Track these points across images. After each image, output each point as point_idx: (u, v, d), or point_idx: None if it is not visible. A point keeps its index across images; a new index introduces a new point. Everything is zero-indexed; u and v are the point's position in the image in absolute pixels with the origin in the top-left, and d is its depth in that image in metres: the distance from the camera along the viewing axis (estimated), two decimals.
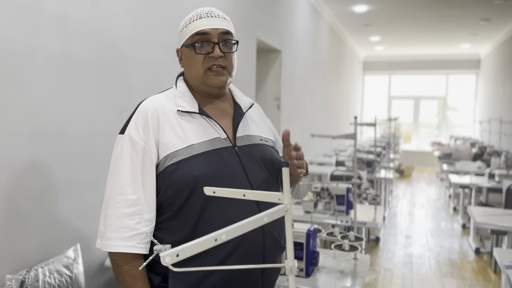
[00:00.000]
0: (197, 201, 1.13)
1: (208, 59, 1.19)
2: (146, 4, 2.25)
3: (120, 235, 1.10)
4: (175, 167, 1.12)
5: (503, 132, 7.56)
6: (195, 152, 1.14)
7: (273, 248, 1.21)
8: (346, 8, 6.55)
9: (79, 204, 1.83)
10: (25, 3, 1.54)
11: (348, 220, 2.83)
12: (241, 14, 3.55)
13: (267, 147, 1.30)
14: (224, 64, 1.20)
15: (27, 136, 1.58)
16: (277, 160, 1.30)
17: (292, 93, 5.24)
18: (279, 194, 0.82)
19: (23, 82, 1.55)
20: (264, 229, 1.16)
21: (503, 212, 3.48)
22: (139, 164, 1.13)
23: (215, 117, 1.23)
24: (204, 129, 1.19)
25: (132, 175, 1.13)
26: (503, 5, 6.07)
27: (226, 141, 1.20)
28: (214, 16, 1.22)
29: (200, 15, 1.21)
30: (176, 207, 1.14)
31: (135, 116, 1.18)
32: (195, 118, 1.20)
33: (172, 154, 1.13)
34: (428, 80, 11.93)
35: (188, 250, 0.64)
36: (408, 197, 7.41)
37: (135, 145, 1.14)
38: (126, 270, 1.11)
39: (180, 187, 1.12)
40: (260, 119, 1.39)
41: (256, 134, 1.29)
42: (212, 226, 1.08)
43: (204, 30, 1.19)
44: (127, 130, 1.16)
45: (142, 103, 1.22)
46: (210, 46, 1.19)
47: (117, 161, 1.15)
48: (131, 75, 2.14)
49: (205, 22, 1.20)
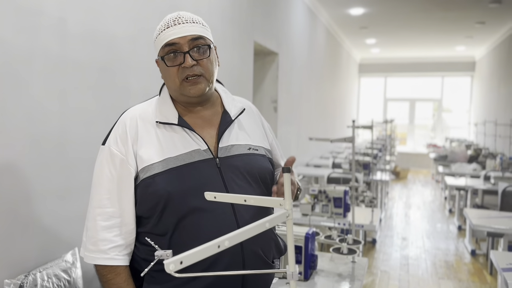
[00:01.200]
0: (170, 217, 1.11)
1: (181, 70, 1.13)
2: (145, 6, 2.25)
3: (98, 248, 1.11)
4: (151, 181, 1.10)
5: (498, 134, 7.60)
6: (171, 165, 1.11)
7: (256, 266, 1.15)
8: (343, 11, 6.58)
9: (78, 208, 1.82)
10: (25, 5, 1.54)
11: (345, 223, 2.84)
12: (238, 17, 3.55)
13: (256, 156, 1.22)
14: (199, 72, 1.14)
15: (26, 140, 1.57)
16: (267, 170, 1.23)
17: (289, 95, 5.25)
18: (280, 199, 0.82)
19: (22, 85, 1.55)
20: (244, 247, 1.12)
21: (499, 215, 3.50)
22: (117, 177, 1.12)
23: (197, 127, 1.18)
24: (183, 141, 1.15)
25: (110, 188, 1.12)
26: (497, 8, 6.11)
27: (206, 153, 1.15)
28: (181, 22, 1.14)
29: (168, 23, 1.14)
30: (153, 221, 1.13)
31: (115, 127, 1.17)
32: (175, 129, 1.16)
33: (147, 167, 1.11)
34: (424, 82, 11.99)
35: (191, 257, 0.64)
36: (404, 199, 7.43)
37: (113, 157, 1.13)
38: (109, 279, 1.12)
39: (154, 202, 1.11)
40: (254, 124, 1.31)
41: (244, 143, 1.22)
42: (186, 243, 1.08)
43: (172, 40, 1.12)
44: (107, 141, 1.15)
45: (124, 113, 1.20)
46: (182, 56, 1.13)
47: (97, 173, 1.15)
48: (129, 77, 2.14)
49: (172, 31, 1.13)
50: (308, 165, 6.00)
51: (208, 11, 2.98)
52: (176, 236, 1.11)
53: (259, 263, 1.16)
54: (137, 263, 1.17)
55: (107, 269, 1.12)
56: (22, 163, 1.56)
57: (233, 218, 1.11)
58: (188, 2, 2.69)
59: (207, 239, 0.67)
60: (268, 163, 1.26)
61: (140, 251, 1.16)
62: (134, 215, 1.15)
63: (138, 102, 1.26)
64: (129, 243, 1.15)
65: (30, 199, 1.61)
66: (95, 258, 1.12)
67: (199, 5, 2.84)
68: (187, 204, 1.10)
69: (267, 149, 1.30)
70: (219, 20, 3.19)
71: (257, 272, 1.14)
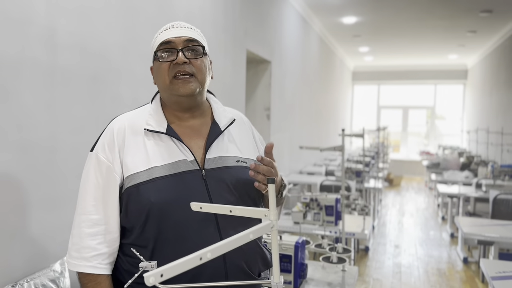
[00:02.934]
0: (153, 228, 1.10)
1: (173, 66, 1.14)
2: (135, 15, 2.26)
3: (81, 255, 1.11)
4: (135, 189, 1.10)
5: (490, 142, 7.66)
6: (156, 175, 1.10)
7: (239, 280, 1.14)
8: (335, 20, 6.63)
9: (66, 217, 1.81)
10: (14, 15, 1.54)
11: (337, 231, 2.84)
12: (231, 25, 3.57)
13: (244, 169, 1.19)
14: (191, 71, 1.14)
15: (14, 149, 1.57)
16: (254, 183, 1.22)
17: (282, 103, 5.26)
18: (265, 210, 0.82)
19: (11, 94, 1.54)
20: (226, 261, 1.11)
21: (490, 223, 3.52)
22: (103, 184, 1.12)
23: (185, 137, 1.17)
24: (169, 150, 1.14)
25: (96, 195, 1.12)
26: (488, 17, 6.19)
27: (192, 164, 1.13)
28: (179, 26, 1.19)
29: (166, 27, 1.20)
30: (136, 232, 1.12)
31: (103, 134, 1.17)
32: (162, 138, 1.15)
33: (132, 176, 1.11)
34: (417, 90, 12.07)
35: (172, 270, 0.64)
36: (397, 206, 7.45)
37: (100, 165, 1.12)
38: (90, 287, 1.12)
39: (138, 211, 1.10)
40: (245, 136, 1.30)
41: (232, 155, 1.20)
42: (167, 255, 1.07)
43: (168, 39, 1.15)
44: (95, 148, 1.15)
45: (113, 120, 1.20)
46: (175, 54, 1.14)
47: (84, 179, 1.15)
48: (119, 86, 2.14)
49: (170, 32, 1.17)
50: (302, 173, 6.00)
51: (201, 19, 2.99)
52: (158, 248, 1.10)
53: (242, 276, 1.15)
54: (120, 275, 1.16)
55: (88, 277, 1.11)
56: (10, 172, 1.56)
57: (216, 231, 1.11)
58: (181, 10, 2.70)
59: (189, 252, 0.66)
60: None
61: (124, 262, 1.15)
62: (119, 223, 1.14)
63: (127, 111, 1.26)
64: (112, 251, 1.14)
65: (18, 208, 1.60)
66: (77, 265, 1.11)
67: (192, 13, 2.86)
68: (170, 215, 1.09)
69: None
70: (212, 28, 3.20)
71: (241, 283, 1.14)
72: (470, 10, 5.83)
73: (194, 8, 2.89)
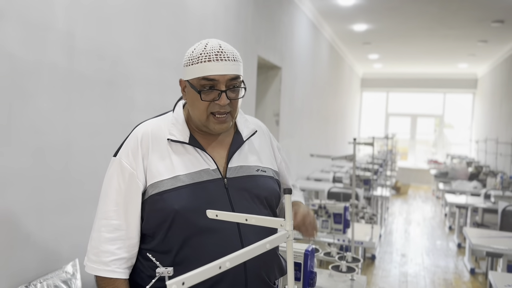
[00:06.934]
0: (176, 235, 1.12)
1: (213, 104, 1.13)
2: (151, 21, 2.29)
3: (100, 259, 1.12)
4: (159, 197, 1.12)
5: (499, 152, 7.60)
6: (180, 183, 1.12)
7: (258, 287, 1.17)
8: (346, 27, 6.64)
9: (79, 219, 1.84)
10: (33, 20, 1.57)
11: (345, 239, 2.84)
12: (243, 32, 3.60)
13: (264, 178, 1.23)
14: (229, 110, 1.16)
15: (31, 152, 1.59)
16: (274, 192, 1.25)
17: (291, 109, 5.28)
18: (281, 220, 0.83)
19: (29, 98, 1.57)
20: (247, 270, 1.13)
21: (499, 234, 3.50)
22: (125, 190, 1.14)
23: (208, 146, 1.20)
24: (193, 159, 1.16)
25: (117, 200, 1.14)
26: (500, 27, 6.17)
27: (215, 173, 1.16)
28: (224, 59, 1.13)
29: (209, 56, 1.12)
30: (158, 239, 1.14)
31: (128, 140, 1.18)
32: (185, 148, 1.17)
33: (156, 183, 1.13)
34: (426, 98, 12.03)
35: (193, 278, 0.66)
36: (404, 215, 7.41)
37: (124, 170, 1.14)
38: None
39: (161, 219, 1.12)
40: (264, 145, 1.33)
41: (253, 165, 1.24)
42: (190, 262, 1.09)
43: (212, 76, 1.11)
44: (119, 154, 1.17)
45: (137, 127, 1.21)
46: (217, 93, 1.12)
47: (107, 184, 1.17)
48: (134, 91, 2.17)
49: (214, 66, 1.11)
50: (309, 179, 6.00)
51: (213, 25, 3.02)
52: (180, 255, 1.12)
53: (260, 284, 1.17)
54: (142, 280, 1.18)
55: (106, 281, 1.13)
56: (26, 175, 1.58)
57: (238, 239, 1.13)
58: (195, 17, 2.73)
59: (211, 259, 0.68)
60: (276, 185, 1.28)
61: (145, 268, 1.17)
62: (139, 229, 1.16)
63: (142, 116, 1.28)
64: (131, 256, 1.16)
65: (32, 210, 1.62)
66: (96, 269, 1.13)
67: (205, 19, 2.88)
68: (194, 223, 1.11)
69: (275, 171, 1.31)
70: (224, 34, 3.23)
71: None
72: (482, 20, 5.82)
73: (207, 14, 2.92)
